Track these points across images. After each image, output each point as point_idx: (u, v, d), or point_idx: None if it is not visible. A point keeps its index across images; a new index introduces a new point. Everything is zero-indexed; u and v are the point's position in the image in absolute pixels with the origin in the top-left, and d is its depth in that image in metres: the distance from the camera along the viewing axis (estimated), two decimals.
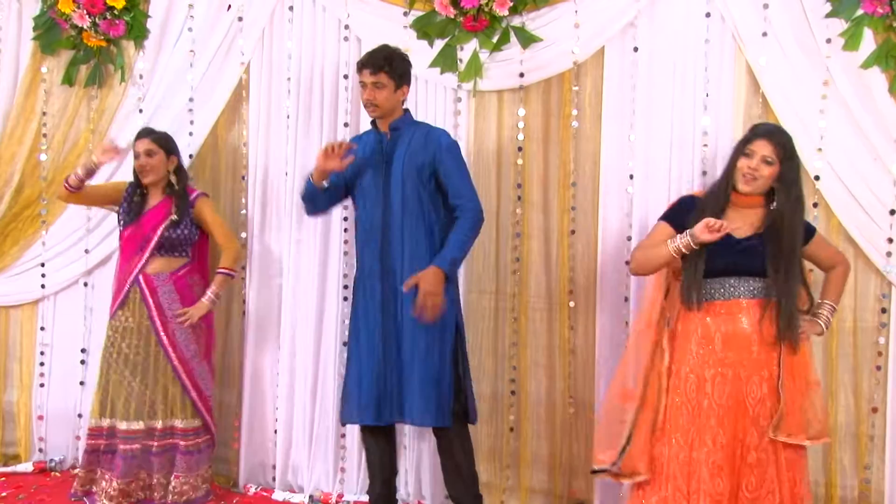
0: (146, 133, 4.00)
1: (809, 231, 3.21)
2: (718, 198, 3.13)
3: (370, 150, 3.54)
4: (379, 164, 3.50)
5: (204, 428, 3.97)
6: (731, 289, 3.07)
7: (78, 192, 3.96)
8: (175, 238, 3.93)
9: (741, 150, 3.11)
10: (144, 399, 3.87)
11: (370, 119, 3.59)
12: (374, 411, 3.44)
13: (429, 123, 3.75)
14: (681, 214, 3.18)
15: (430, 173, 3.46)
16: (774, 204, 3.08)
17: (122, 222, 4.01)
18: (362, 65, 3.47)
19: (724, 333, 3.05)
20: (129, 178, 4.07)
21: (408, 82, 3.55)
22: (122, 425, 3.87)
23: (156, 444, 3.86)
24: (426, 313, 3.32)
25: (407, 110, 3.61)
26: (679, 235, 3.06)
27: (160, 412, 3.87)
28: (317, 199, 3.61)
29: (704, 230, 2.95)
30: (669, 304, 3.25)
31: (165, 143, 3.99)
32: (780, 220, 3.05)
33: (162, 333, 3.89)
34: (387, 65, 3.44)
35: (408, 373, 3.40)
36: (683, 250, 3.03)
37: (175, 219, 3.91)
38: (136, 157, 3.96)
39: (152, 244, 3.91)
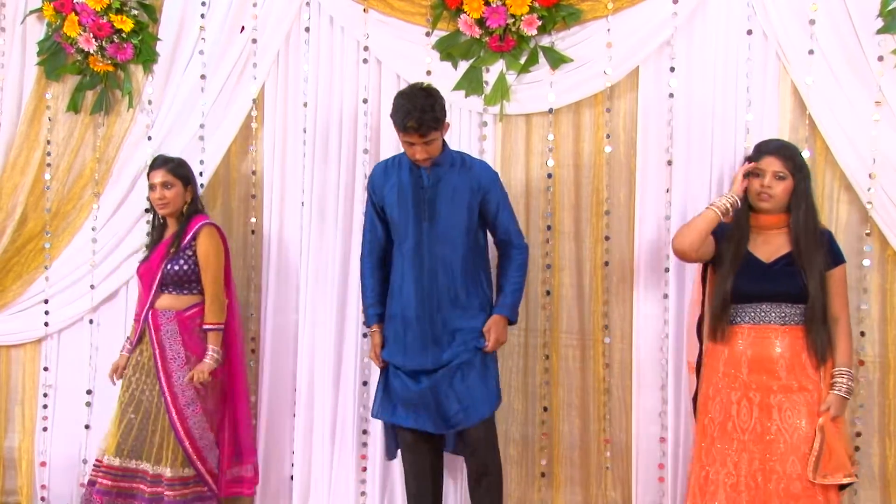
0: (161, 163, 3.85)
1: (837, 259, 3.09)
2: (740, 224, 3.11)
3: (408, 186, 3.45)
4: (421, 205, 3.41)
5: (195, 479, 3.76)
6: (762, 314, 3.03)
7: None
8: (174, 273, 3.76)
9: (750, 170, 3.08)
10: (143, 439, 3.71)
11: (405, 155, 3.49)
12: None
13: (463, 152, 3.65)
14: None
15: (477, 209, 3.43)
16: (791, 221, 3.05)
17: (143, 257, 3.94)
18: (411, 129, 3.27)
19: (750, 358, 3.02)
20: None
21: (446, 116, 3.43)
22: (108, 460, 3.72)
23: (147, 489, 3.69)
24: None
25: (444, 142, 3.51)
26: (718, 200, 3.08)
27: (154, 457, 3.71)
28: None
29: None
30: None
31: (183, 173, 3.85)
32: (800, 236, 3.02)
33: (161, 374, 3.72)
34: (435, 123, 3.29)
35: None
36: (730, 211, 3.06)
37: (173, 251, 3.76)
38: (152, 188, 3.82)
39: (157, 280, 3.77)
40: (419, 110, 3.25)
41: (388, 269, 3.56)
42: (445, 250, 3.39)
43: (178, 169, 3.84)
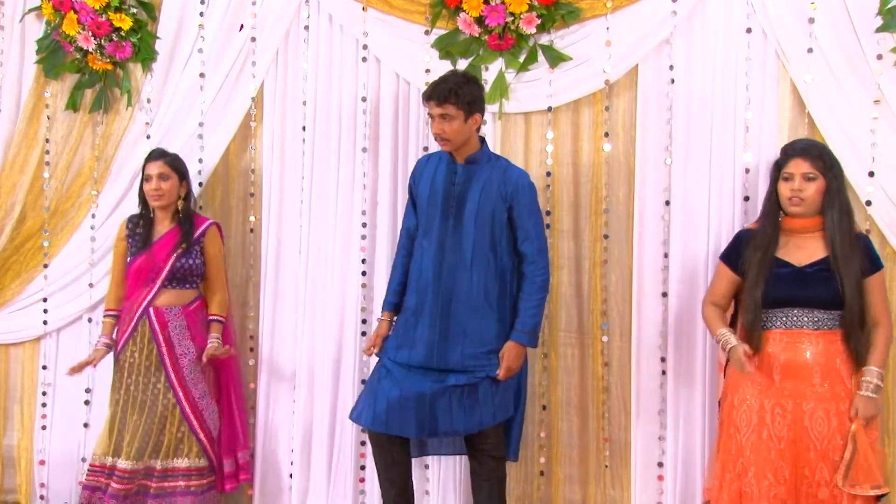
0: (159, 154, 3.86)
1: (876, 264, 3.03)
2: (767, 230, 3.05)
3: (441, 179, 3.42)
4: (449, 200, 3.38)
5: (209, 469, 3.81)
6: (795, 319, 2.98)
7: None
8: (186, 268, 3.79)
9: (778, 174, 3.02)
10: (148, 439, 3.70)
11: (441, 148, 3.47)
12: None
13: (505, 158, 3.61)
14: (738, 251, 3.12)
15: (506, 215, 3.36)
16: (826, 224, 2.98)
17: (130, 252, 3.86)
18: (428, 96, 3.33)
19: (783, 364, 2.96)
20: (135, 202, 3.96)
21: (481, 110, 3.41)
22: (122, 464, 3.69)
23: (154, 485, 3.70)
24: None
25: (483, 141, 3.48)
26: (729, 336, 3.05)
27: (162, 452, 3.72)
28: None
29: (741, 360, 2.94)
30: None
31: (179, 167, 3.87)
32: (835, 240, 2.95)
33: (171, 370, 3.72)
34: (453, 95, 3.27)
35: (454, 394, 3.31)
36: (721, 349, 3.11)
37: (185, 246, 3.78)
38: (148, 179, 3.81)
39: (164, 274, 3.77)
40: (441, 81, 3.34)
41: None
42: (467, 249, 3.33)
43: (174, 162, 3.84)
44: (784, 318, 2.98)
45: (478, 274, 3.32)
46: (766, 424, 2.95)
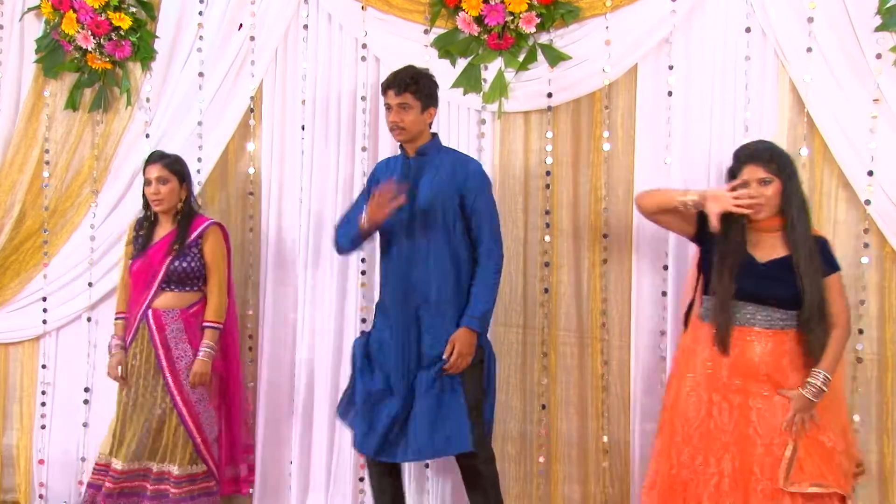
0: (158, 157, 3.82)
1: (833, 266, 3.00)
2: (740, 221, 2.99)
3: (397, 171, 3.43)
4: (405, 192, 3.34)
5: (206, 474, 3.76)
6: (748, 316, 2.95)
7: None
8: (182, 271, 3.73)
9: (731, 181, 2.98)
10: (146, 441, 3.69)
11: (398, 144, 3.46)
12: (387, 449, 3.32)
13: (458, 150, 3.62)
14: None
15: (458, 205, 3.34)
16: (787, 224, 2.95)
17: (133, 255, 3.84)
18: (387, 85, 3.37)
19: (731, 359, 2.94)
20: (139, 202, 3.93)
21: (435, 104, 3.43)
22: (116, 464, 3.69)
23: (150, 486, 3.68)
24: (455, 370, 3.27)
25: (435, 135, 3.49)
26: (692, 192, 3.02)
27: (159, 455, 3.69)
28: (360, 244, 3.50)
29: (719, 199, 2.91)
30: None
31: (179, 169, 3.82)
32: (797, 240, 2.92)
33: (168, 374, 3.70)
34: (413, 84, 3.32)
35: (422, 408, 3.27)
36: (688, 205, 3.01)
37: (177, 248, 3.73)
38: (148, 183, 3.78)
39: (159, 277, 3.74)
40: (400, 71, 3.39)
41: None
42: (422, 240, 3.32)
43: (174, 165, 3.80)
44: (737, 315, 2.95)
45: (435, 260, 3.30)
46: (712, 416, 2.95)
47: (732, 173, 3.00)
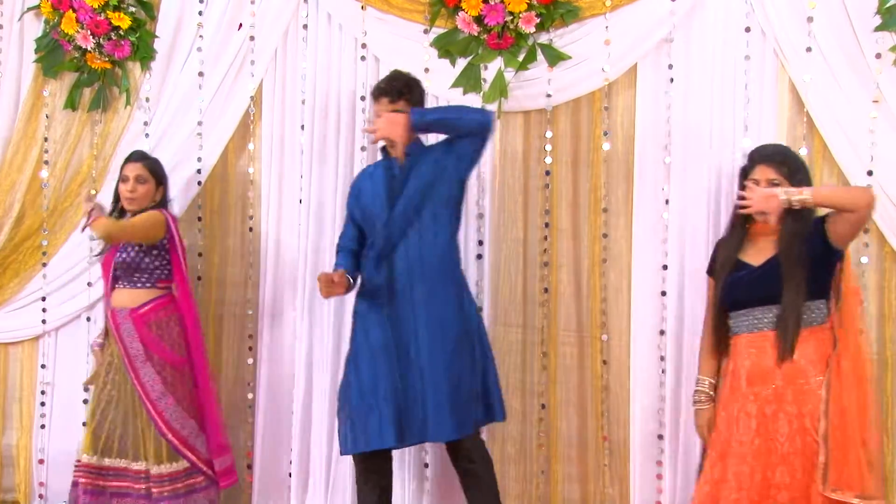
0: (139, 157, 3.81)
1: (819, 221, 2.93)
2: (733, 237, 3.03)
3: (381, 179, 3.39)
4: (392, 189, 3.34)
5: (188, 471, 3.70)
6: (756, 321, 2.92)
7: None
8: (123, 261, 3.69)
9: (744, 181, 2.97)
10: (122, 437, 3.68)
11: (379, 148, 3.47)
12: (395, 432, 3.22)
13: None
14: (714, 260, 3.12)
15: (447, 169, 3.30)
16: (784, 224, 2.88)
17: (102, 250, 3.85)
18: (381, 92, 3.35)
19: (748, 368, 2.92)
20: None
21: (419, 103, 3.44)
22: (86, 459, 3.70)
23: (133, 486, 3.68)
24: (374, 134, 3.30)
25: (418, 138, 3.45)
26: (702, 391, 3.10)
27: (131, 453, 3.68)
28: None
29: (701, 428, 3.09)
30: None
31: (158, 171, 3.80)
32: (787, 238, 2.88)
33: (130, 371, 3.68)
34: (408, 92, 3.33)
35: (430, 391, 3.21)
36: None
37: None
38: (125, 180, 3.74)
39: (110, 273, 3.74)
40: (392, 79, 3.40)
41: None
42: (413, 233, 3.28)
43: (154, 165, 3.79)
44: (747, 322, 2.92)
45: (426, 248, 3.27)
46: (733, 432, 2.91)
47: (745, 172, 3.00)
